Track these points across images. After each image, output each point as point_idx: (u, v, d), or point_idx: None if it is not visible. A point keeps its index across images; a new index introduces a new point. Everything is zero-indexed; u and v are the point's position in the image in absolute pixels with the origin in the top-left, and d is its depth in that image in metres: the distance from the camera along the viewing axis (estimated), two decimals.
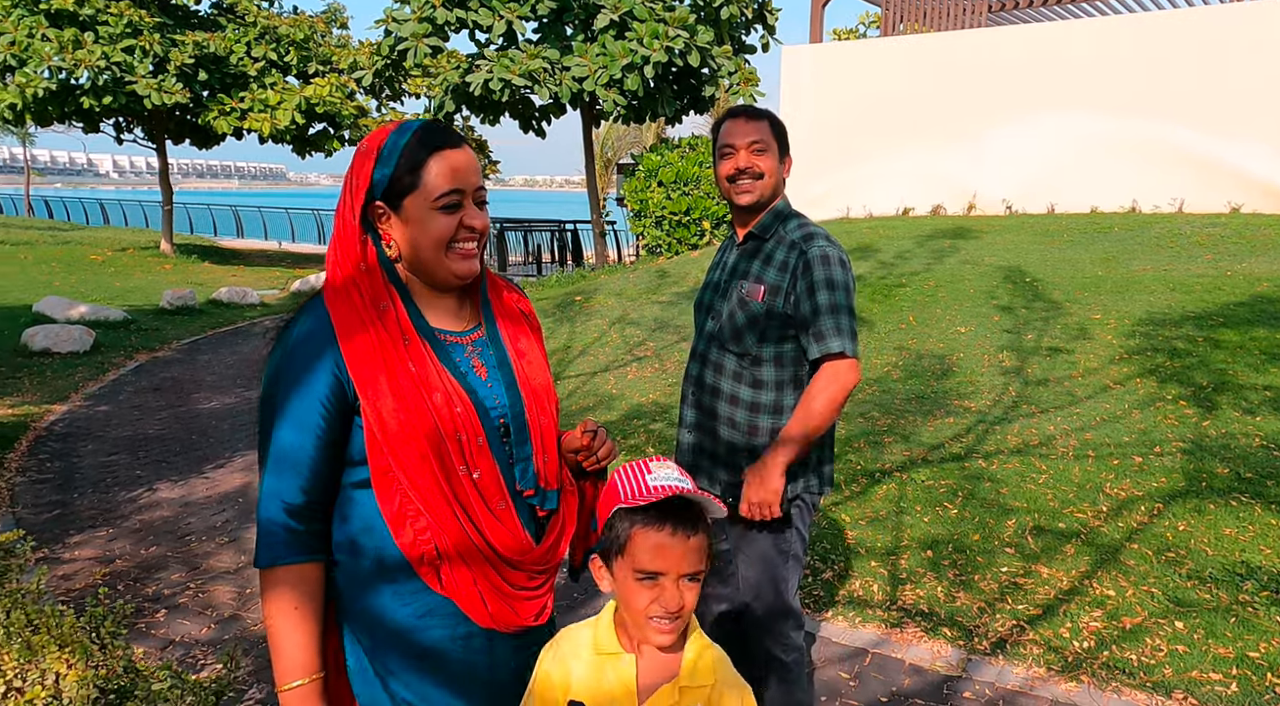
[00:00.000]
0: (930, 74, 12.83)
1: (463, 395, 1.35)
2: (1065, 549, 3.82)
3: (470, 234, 1.36)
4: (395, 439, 1.29)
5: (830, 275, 2.07)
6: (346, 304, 1.32)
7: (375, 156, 1.33)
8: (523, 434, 1.42)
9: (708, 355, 2.23)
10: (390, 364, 1.31)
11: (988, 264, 9.12)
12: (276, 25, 16.27)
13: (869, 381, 6.25)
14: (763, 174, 2.11)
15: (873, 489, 4.53)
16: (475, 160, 1.38)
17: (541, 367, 1.50)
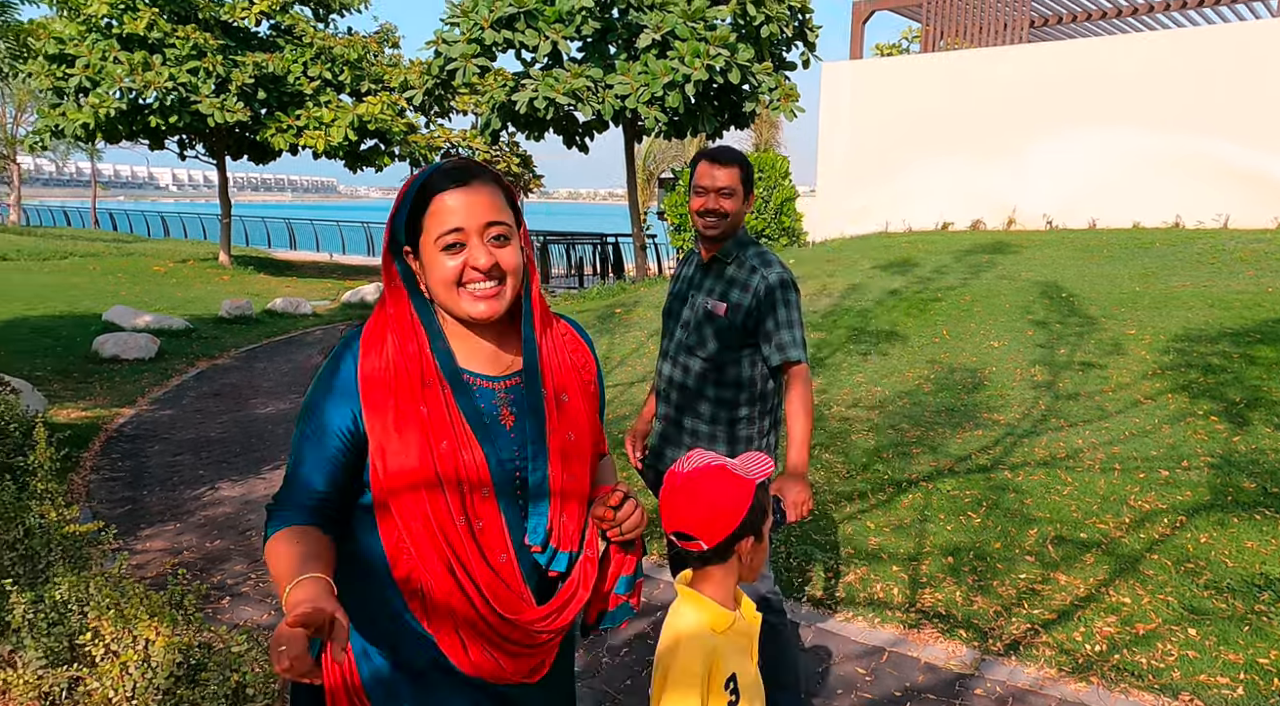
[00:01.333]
0: (971, 89, 12.87)
1: (474, 443, 1.32)
2: (1085, 558, 3.92)
3: (479, 275, 1.32)
4: (393, 479, 1.29)
5: (786, 297, 2.46)
6: (378, 338, 1.35)
7: (399, 201, 1.35)
8: (540, 489, 1.37)
9: (677, 358, 2.59)
10: (401, 403, 1.30)
11: (1025, 279, 9.15)
12: (332, 46, 16.88)
13: (900, 393, 6.37)
14: (727, 214, 2.47)
15: (898, 498, 4.66)
16: (488, 197, 1.33)
17: (582, 422, 1.43)
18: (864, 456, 5.26)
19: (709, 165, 2.47)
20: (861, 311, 8.65)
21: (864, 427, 5.75)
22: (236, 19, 16.41)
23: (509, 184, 1.38)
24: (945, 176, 13.00)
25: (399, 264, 1.37)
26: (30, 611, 2.30)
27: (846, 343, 7.75)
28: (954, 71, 13.05)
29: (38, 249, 20.19)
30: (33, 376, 7.74)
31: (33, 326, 10.53)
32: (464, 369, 1.37)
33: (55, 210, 41.10)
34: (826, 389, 6.65)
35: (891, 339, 7.68)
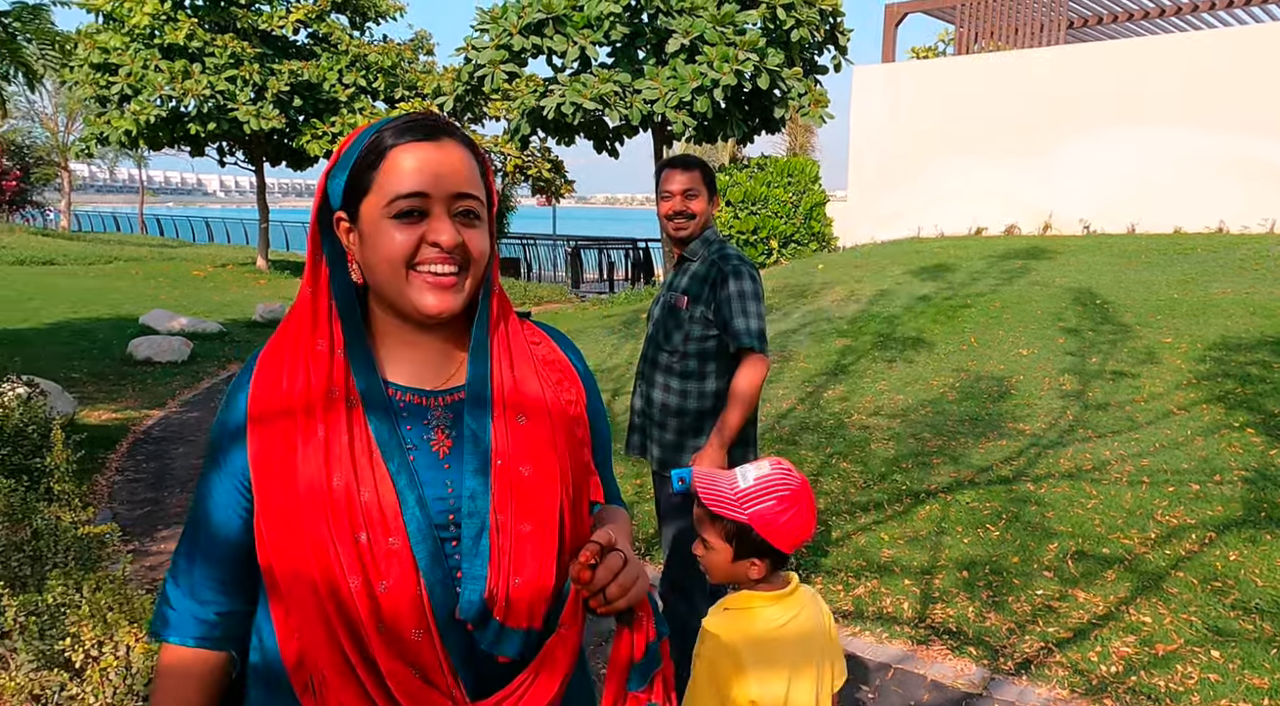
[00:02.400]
0: (1006, 92, 12.64)
1: (379, 475, 1.01)
2: (1106, 574, 3.78)
3: (440, 255, 1.02)
4: (275, 530, 1.00)
5: (742, 287, 2.58)
6: (276, 344, 1.07)
7: (338, 157, 1.06)
8: (478, 541, 1.02)
9: (647, 353, 2.81)
10: (289, 428, 1.01)
11: (1058, 285, 8.94)
12: (366, 53, 17.13)
13: (923, 402, 6.24)
14: (694, 215, 2.65)
15: (915, 509, 4.55)
16: (460, 161, 1.05)
17: (545, 454, 1.08)
18: (882, 466, 5.15)
19: (672, 171, 2.68)
20: (889, 318, 8.52)
21: (884, 436, 5.64)
22: (274, 28, 16.71)
23: (483, 153, 1.10)
24: (979, 180, 12.78)
25: (328, 239, 1.07)
26: (21, 614, 2.33)
27: (871, 349, 7.62)
28: (989, 73, 12.83)
29: (84, 254, 20.73)
30: (68, 378, 7.92)
31: (74, 329, 10.79)
32: (389, 380, 1.07)
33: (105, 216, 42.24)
34: (848, 396, 6.54)
35: (918, 346, 7.54)
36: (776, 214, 12.99)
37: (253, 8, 16.72)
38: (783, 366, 7.52)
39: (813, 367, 7.38)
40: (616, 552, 1.04)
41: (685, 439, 2.71)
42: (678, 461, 2.71)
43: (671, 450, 2.74)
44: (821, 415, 6.18)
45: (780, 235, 13.02)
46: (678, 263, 2.78)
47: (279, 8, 17.09)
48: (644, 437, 2.84)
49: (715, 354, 2.66)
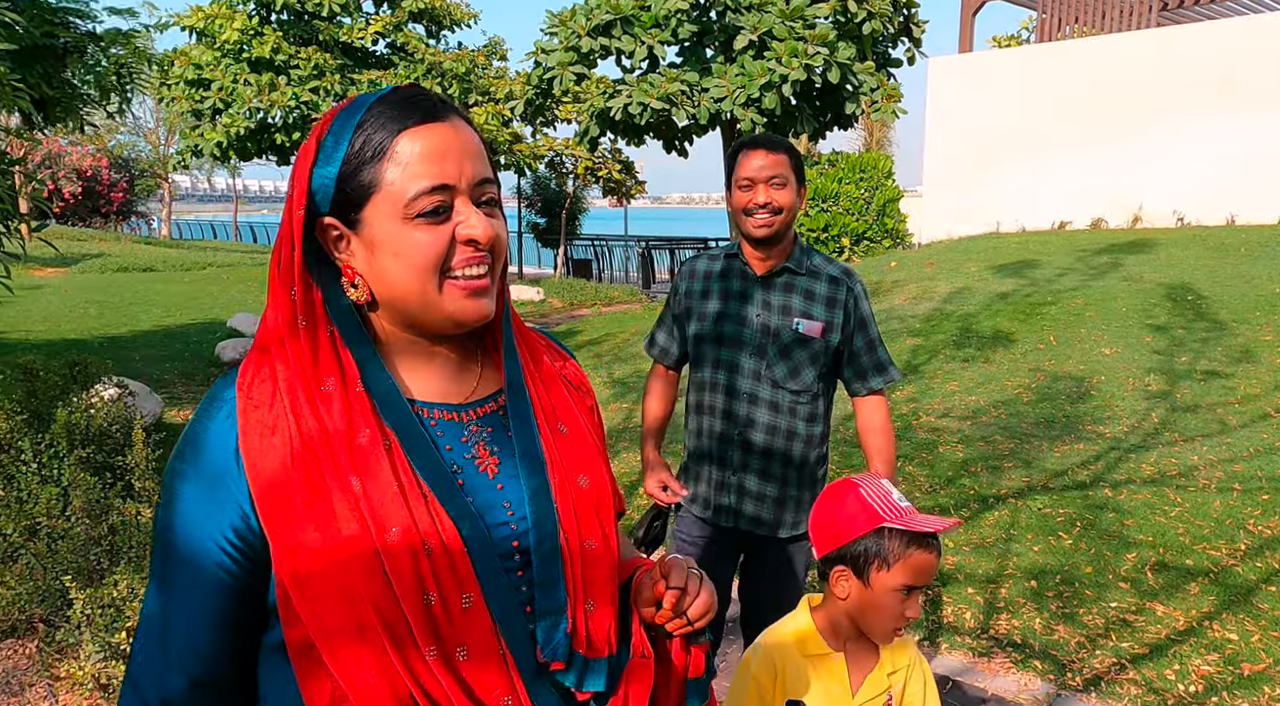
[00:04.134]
0: (1092, 79, 12.09)
1: (440, 525, 0.85)
2: (1189, 587, 3.57)
3: (476, 252, 0.88)
4: (316, 599, 0.82)
5: (871, 309, 2.23)
6: (263, 384, 0.87)
7: (315, 150, 0.87)
8: (553, 568, 0.90)
9: (758, 395, 2.17)
10: (319, 480, 0.83)
11: (1148, 280, 8.50)
12: (441, 61, 17.50)
13: (997, 403, 6.01)
14: (782, 208, 2.10)
15: (983, 515, 4.38)
16: (470, 138, 0.90)
17: (596, 462, 0.99)
18: (950, 469, 4.98)
19: (752, 152, 2.12)
20: (964, 316, 8.25)
21: (954, 439, 5.45)
22: (354, 39, 17.24)
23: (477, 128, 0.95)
24: (1063, 172, 12.25)
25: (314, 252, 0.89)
26: (89, 607, 2.44)
27: (944, 349, 7.39)
28: (1073, 61, 12.29)
29: (181, 260, 21.81)
30: (159, 379, 8.33)
31: (168, 332, 11.36)
32: (413, 399, 0.92)
33: (204, 224, 44.39)
34: (918, 397, 6.35)
35: (993, 345, 7.28)
36: (848, 210, 12.73)
37: (334, 20, 17.27)
38: None
39: None
40: (695, 573, 0.96)
41: (790, 491, 2.21)
42: (781, 522, 2.21)
43: (774, 507, 2.21)
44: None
45: (852, 232, 12.76)
46: (767, 275, 2.18)
47: (359, 19, 17.62)
48: (714, 491, 2.25)
49: (827, 391, 2.23)
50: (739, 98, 11.77)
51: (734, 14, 12.24)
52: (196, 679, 0.87)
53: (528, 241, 22.54)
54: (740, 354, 2.19)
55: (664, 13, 12.02)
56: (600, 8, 12.35)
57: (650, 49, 12.29)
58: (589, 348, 10.08)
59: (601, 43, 12.49)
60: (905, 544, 1.40)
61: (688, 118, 12.38)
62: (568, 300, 16.00)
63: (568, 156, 19.09)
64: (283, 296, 0.88)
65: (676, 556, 0.98)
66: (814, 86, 12.24)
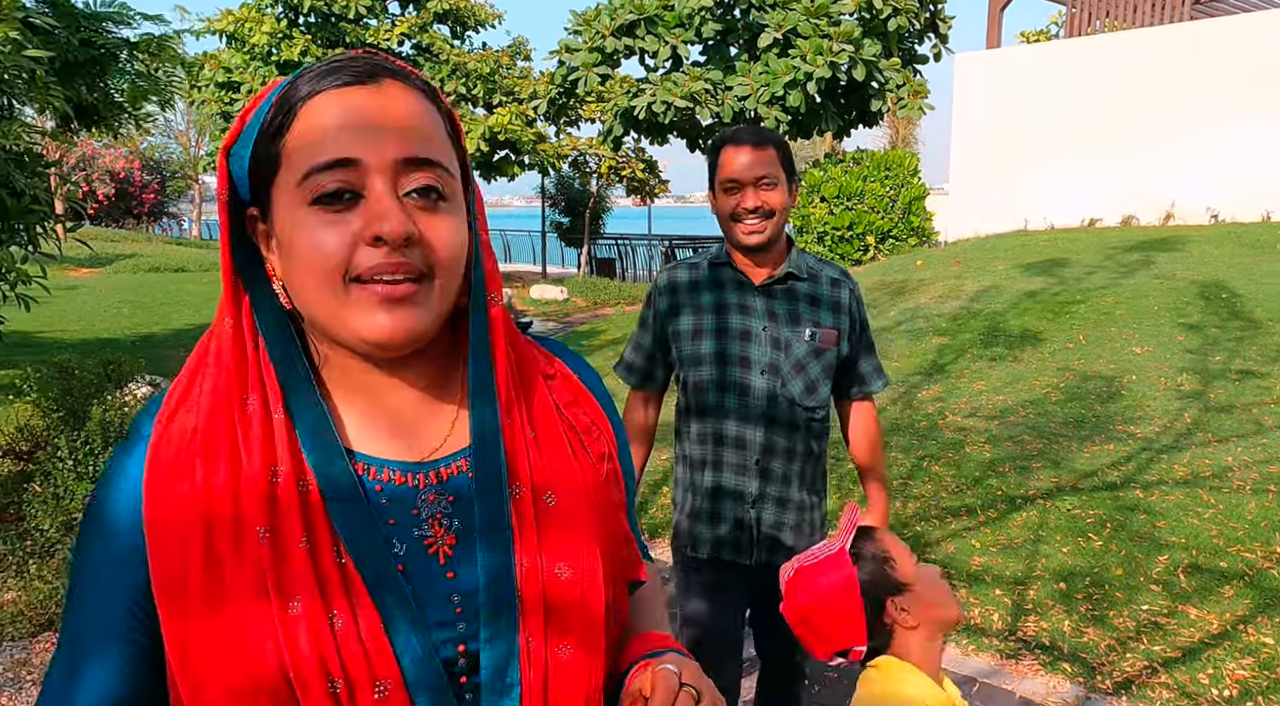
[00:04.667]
0: (1122, 74, 11.92)
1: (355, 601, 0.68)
2: (1223, 590, 3.50)
3: (385, 256, 0.68)
4: (202, 694, 0.67)
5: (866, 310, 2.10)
6: (182, 401, 0.72)
7: (242, 122, 0.71)
8: (502, 675, 0.72)
9: (774, 416, 1.94)
10: (216, 539, 0.67)
11: (1181, 278, 8.37)
12: (466, 62, 17.61)
13: (1025, 402, 5.94)
14: (774, 211, 1.88)
15: (1011, 515, 4.34)
16: (416, 114, 0.71)
17: (586, 544, 0.77)
18: (977, 470, 4.93)
19: (737, 149, 1.87)
20: (991, 315, 8.16)
21: (980, 439, 5.40)
22: (380, 41, 17.39)
23: (446, 103, 0.76)
24: (1092, 169, 12.08)
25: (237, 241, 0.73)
26: None
27: (971, 348, 7.32)
28: (1103, 56, 12.11)
29: (212, 260, 22.12)
30: None
31: (199, 331, 11.49)
32: (354, 450, 0.74)
33: None
34: (944, 397, 6.29)
35: (1021, 344, 7.20)
36: (873, 209, 12.64)
37: (360, 23, 17.45)
38: None
39: (907, 367, 7.14)
40: (687, 691, 0.72)
41: (805, 516, 2.02)
42: (796, 549, 1.96)
43: (792, 534, 2.00)
44: (914, 416, 5.97)
45: (877, 231, 12.67)
46: (769, 284, 1.95)
47: (384, 21, 17.78)
48: (737, 533, 1.99)
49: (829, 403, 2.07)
50: (763, 96, 11.75)
51: (758, 12, 12.21)
52: None
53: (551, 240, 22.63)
54: (750, 373, 1.94)
55: (688, 12, 12.02)
56: (624, 7, 12.37)
57: (674, 48, 12.30)
58: (612, 347, 10.11)
59: (625, 42, 12.52)
60: (875, 540, 1.39)
61: (711, 116, 12.37)
62: (591, 299, 16.04)
63: (591, 156, 19.13)
64: (225, 296, 0.73)
65: (669, 667, 0.74)
66: (839, 84, 12.19)
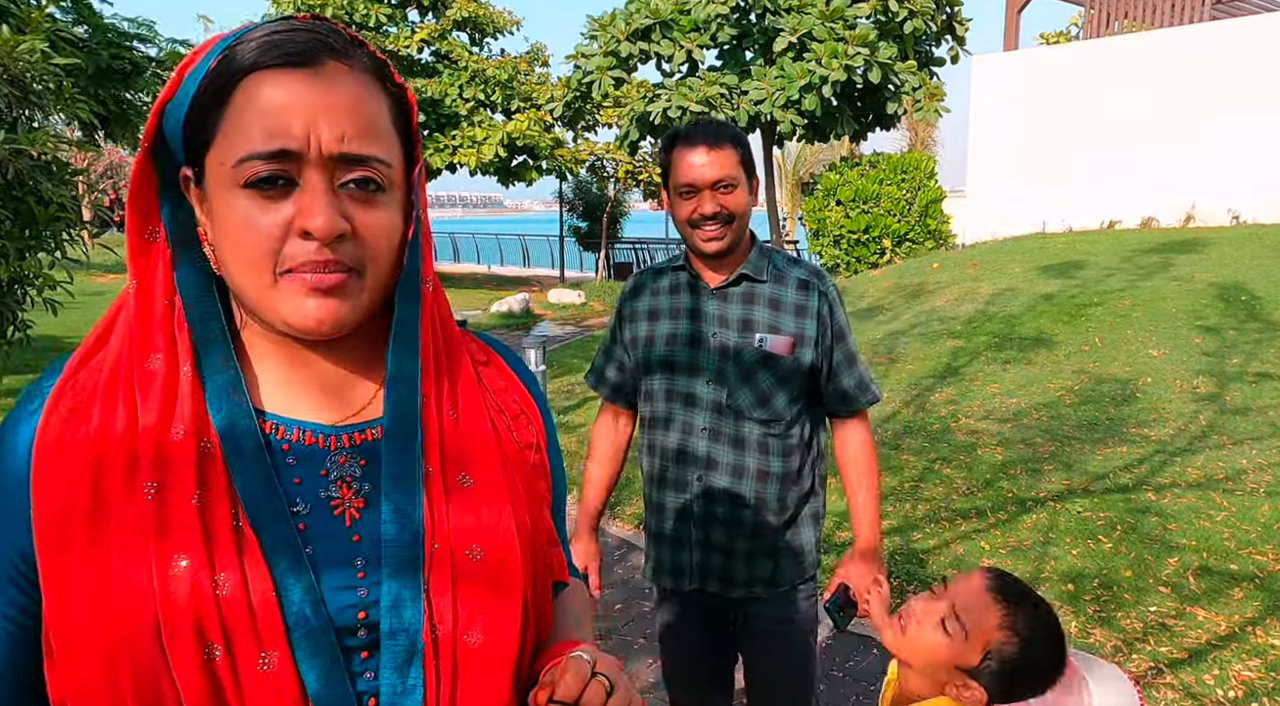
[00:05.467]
0: (1142, 76, 11.83)
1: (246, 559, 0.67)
2: (1232, 592, 3.50)
3: (315, 252, 0.68)
4: (72, 645, 0.65)
5: (846, 316, 1.90)
6: (80, 364, 0.72)
7: (179, 78, 0.69)
8: (406, 667, 0.71)
9: (720, 430, 1.81)
10: (102, 489, 0.67)
11: (1200, 281, 8.30)
12: (485, 68, 17.77)
13: (1038, 405, 5.93)
14: (734, 215, 1.75)
15: (1021, 517, 4.34)
16: (360, 102, 0.70)
17: (504, 524, 0.76)
18: (988, 472, 4.94)
19: (690, 149, 1.72)
20: (1007, 317, 8.14)
21: (993, 442, 5.40)
22: (400, 48, 17.59)
23: (399, 81, 0.75)
24: (1112, 171, 12.00)
25: (165, 199, 0.72)
26: None
27: (985, 351, 7.31)
28: (1122, 57, 12.04)
29: None
30: None
31: None
32: (265, 410, 0.74)
33: None
34: (957, 400, 6.29)
35: (1036, 347, 7.17)
36: (889, 212, 12.62)
37: (381, 30, 17.65)
38: (889, 368, 7.31)
39: (920, 370, 7.14)
40: (599, 680, 0.71)
41: (767, 541, 1.84)
42: (758, 577, 1.85)
43: (746, 561, 1.84)
44: (927, 418, 5.97)
45: (893, 234, 12.65)
46: (728, 285, 1.83)
47: (404, 29, 17.98)
48: (675, 553, 1.88)
49: (811, 419, 1.90)
50: (778, 100, 11.77)
51: (773, 16, 12.24)
52: None
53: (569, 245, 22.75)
54: (696, 382, 1.82)
55: (703, 16, 12.08)
56: (639, 12, 12.45)
57: (689, 53, 12.35)
58: None
59: (640, 47, 12.59)
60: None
61: (727, 120, 12.43)
62: (608, 303, 16.11)
63: (608, 160, 19.23)
64: (130, 254, 0.72)
65: (580, 654, 0.72)
66: (855, 87, 12.18)
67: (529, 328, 13.48)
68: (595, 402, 7.49)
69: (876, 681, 3.11)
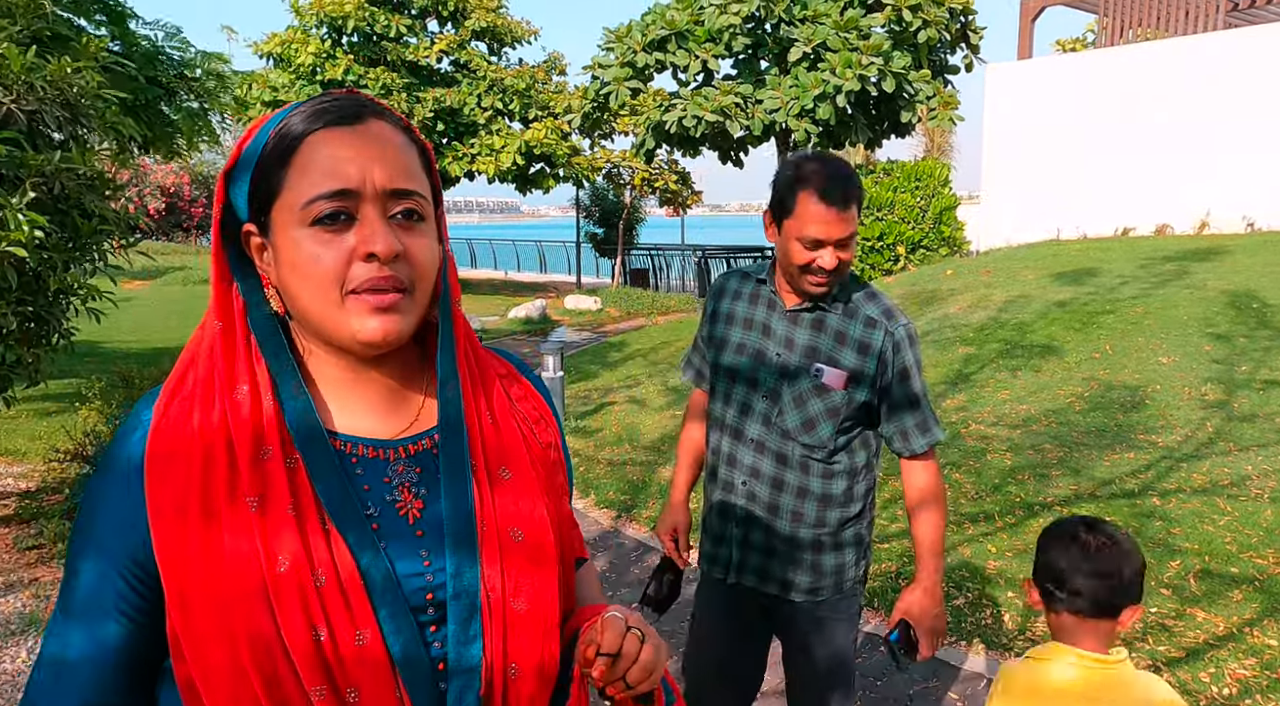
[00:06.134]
0: (1156, 83, 11.88)
1: (336, 555, 0.80)
2: (1231, 594, 3.59)
3: (378, 271, 0.82)
4: (198, 633, 0.78)
5: (918, 357, 1.92)
6: (176, 392, 0.85)
7: (239, 152, 0.85)
8: (469, 626, 0.85)
9: (765, 443, 1.93)
10: (214, 494, 0.80)
11: (1212, 288, 8.35)
12: (503, 77, 18.01)
13: (1048, 412, 6.02)
14: (845, 265, 1.83)
15: (1028, 522, 4.45)
16: (394, 148, 0.85)
17: (538, 511, 0.91)
18: (997, 477, 5.04)
19: (825, 206, 1.74)
20: (1019, 325, 8.22)
21: (1002, 447, 5.50)
22: (420, 58, 17.86)
23: (422, 138, 0.91)
24: (1126, 178, 12.04)
25: (232, 254, 0.87)
26: None
27: (997, 358, 7.40)
28: (1136, 65, 12.08)
29: None
30: None
31: None
32: (335, 430, 0.87)
33: None
34: (967, 406, 6.39)
35: (1047, 354, 7.26)
36: (903, 219, 12.71)
37: (401, 41, 17.94)
38: None
39: (932, 376, 7.24)
40: (634, 632, 0.86)
41: (803, 554, 1.95)
42: (792, 583, 1.95)
43: (782, 565, 1.96)
44: None
45: (908, 241, 12.74)
46: (800, 310, 1.91)
47: (424, 39, 18.26)
48: (716, 545, 2.04)
49: (861, 445, 1.95)
50: (793, 109, 11.91)
51: (788, 26, 12.39)
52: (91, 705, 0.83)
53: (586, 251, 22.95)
54: (753, 395, 1.94)
55: (718, 27, 12.24)
56: (655, 23, 12.63)
57: (704, 62, 12.52)
58: (641, 357, 10.30)
59: (656, 57, 12.78)
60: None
61: (742, 129, 12.56)
62: (625, 309, 16.26)
63: (625, 168, 19.41)
64: (213, 304, 0.87)
65: (615, 613, 0.87)
66: (869, 95, 12.30)
67: (546, 333, 13.64)
68: (610, 407, 7.65)
69: (883, 676, 3.23)
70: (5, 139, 3.21)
